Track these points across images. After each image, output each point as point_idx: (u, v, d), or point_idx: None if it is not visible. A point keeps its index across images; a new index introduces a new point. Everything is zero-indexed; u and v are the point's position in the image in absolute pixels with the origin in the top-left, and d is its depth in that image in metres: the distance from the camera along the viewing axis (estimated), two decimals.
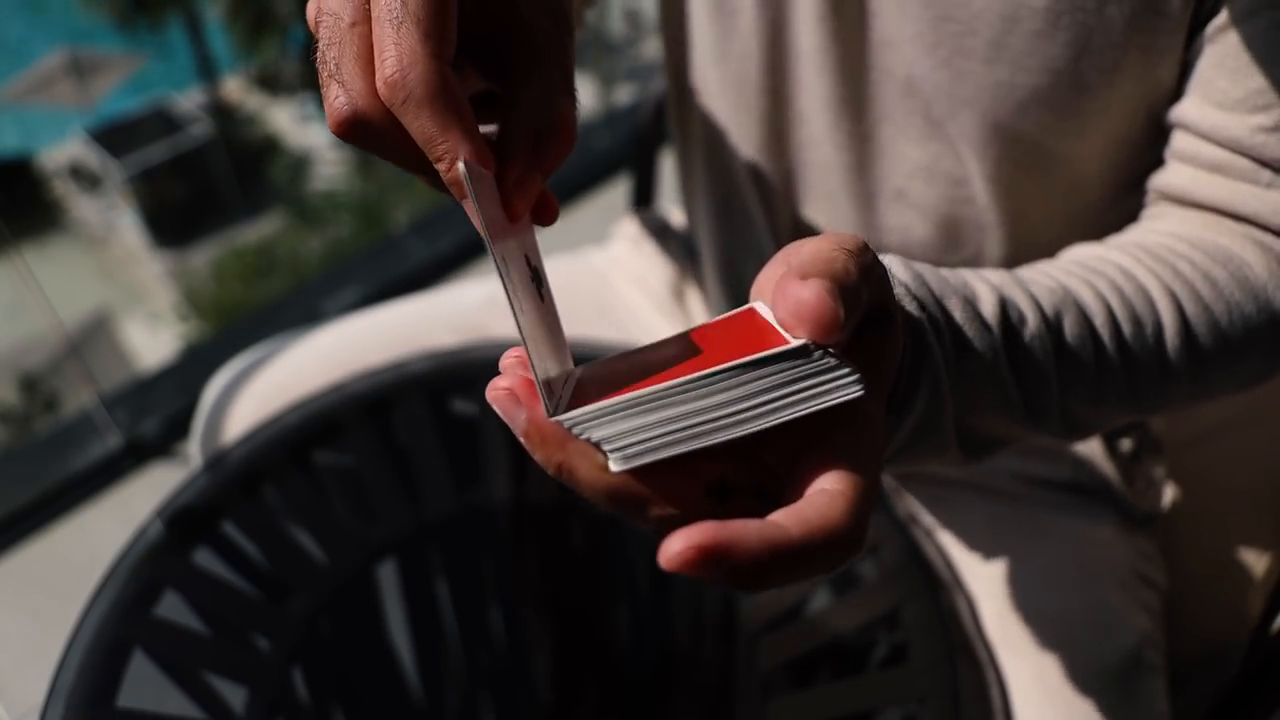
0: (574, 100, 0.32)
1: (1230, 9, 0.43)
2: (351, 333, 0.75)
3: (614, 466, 0.28)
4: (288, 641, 0.58)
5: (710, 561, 0.24)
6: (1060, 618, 0.57)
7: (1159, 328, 0.42)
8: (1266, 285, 0.44)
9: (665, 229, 0.79)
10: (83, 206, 13.40)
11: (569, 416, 0.27)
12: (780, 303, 0.28)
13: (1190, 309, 0.42)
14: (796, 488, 0.28)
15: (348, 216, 11.24)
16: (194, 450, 0.74)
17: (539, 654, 0.70)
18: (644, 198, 0.94)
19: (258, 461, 0.64)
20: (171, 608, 0.57)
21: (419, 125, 0.29)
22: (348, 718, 0.62)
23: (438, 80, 0.28)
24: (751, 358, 0.27)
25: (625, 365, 0.32)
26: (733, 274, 0.65)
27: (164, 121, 13.32)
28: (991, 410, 0.39)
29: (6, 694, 1.16)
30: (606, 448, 0.28)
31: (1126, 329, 0.41)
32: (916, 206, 0.55)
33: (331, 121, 0.30)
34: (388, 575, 0.64)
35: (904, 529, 0.60)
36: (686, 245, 0.78)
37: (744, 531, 0.25)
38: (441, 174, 0.29)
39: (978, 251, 0.56)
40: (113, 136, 12.98)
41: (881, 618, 0.58)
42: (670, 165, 0.78)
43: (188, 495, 0.62)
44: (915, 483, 0.64)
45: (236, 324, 3.28)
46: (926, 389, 0.36)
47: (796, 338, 0.27)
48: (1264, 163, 0.44)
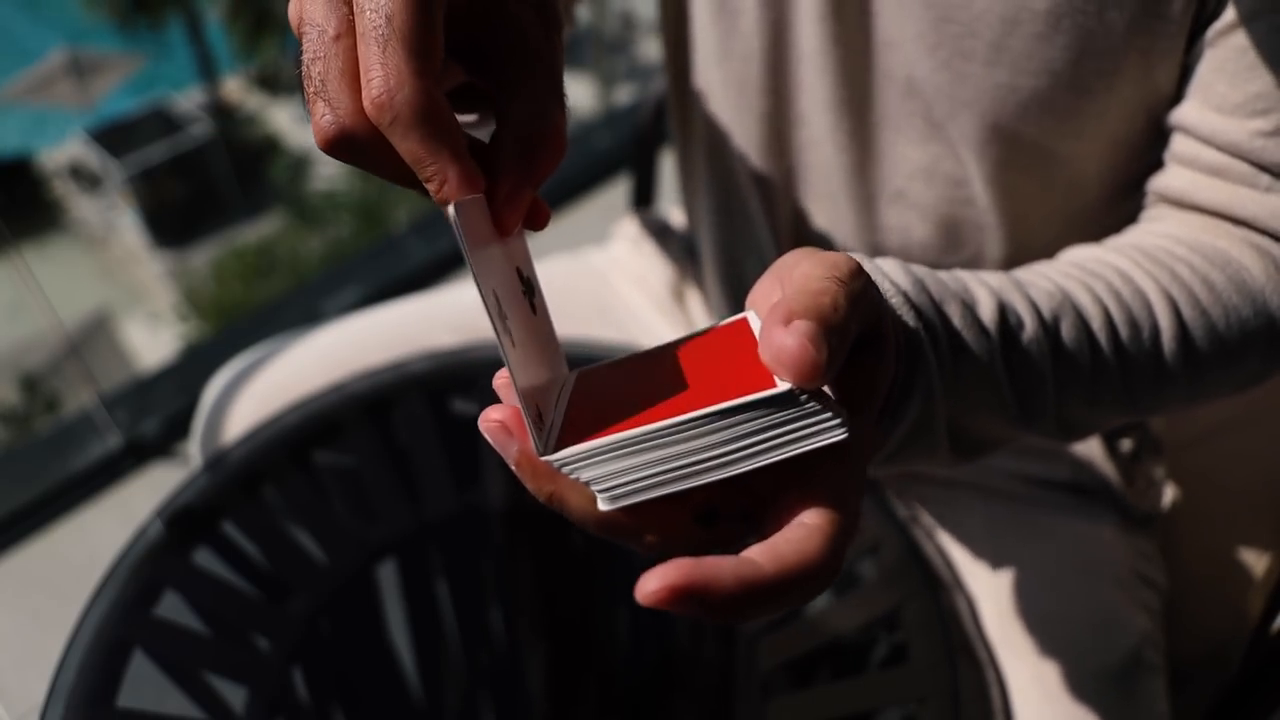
0: (564, 107, 0.32)
1: (1231, 12, 0.43)
2: (351, 333, 0.75)
3: (602, 505, 0.28)
4: (288, 641, 0.58)
5: (685, 600, 0.25)
6: (1060, 618, 0.57)
7: (1155, 331, 0.42)
8: (1264, 289, 0.44)
9: (665, 229, 0.79)
10: (83, 206, 13.41)
11: (558, 457, 0.28)
12: (765, 347, 0.28)
13: (1187, 313, 0.42)
14: (778, 517, 0.28)
15: (348, 216, 11.24)
16: (194, 450, 0.74)
17: (539, 654, 0.70)
18: (644, 198, 0.94)
19: (258, 461, 0.64)
20: (171, 608, 0.57)
21: (407, 147, 0.28)
22: (348, 718, 0.62)
23: (425, 102, 0.28)
24: (737, 402, 0.27)
25: (618, 376, 0.32)
26: (733, 273, 0.65)
27: (164, 121, 13.32)
28: (985, 412, 0.39)
29: (6, 694, 1.16)
30: (595, 488, 0.28)
31: (1123, 333, 0.41)
32: (916, 207, 0.55)
33: (318, 139, 0.29)
34: (388, 575, 0.64)
35: (904, 529, 0.60)
36: (686, 245, 0.78)
37: (718, 571, 0.26)
38: (431, 193, 0.29)
39: (977, 252, 0.56)
40: (113, 136, 12.99)
41: (881, 618, 0.58)
42: (670, 165, 0.78)
43: (188, 495, 0.62)
44: (915, 483, 0.64)
45: (236, 324, 3.28)
46: (920, 397, 0.36)
47: (782, 381, 0.27)
48: (1262, 167, 0.44)
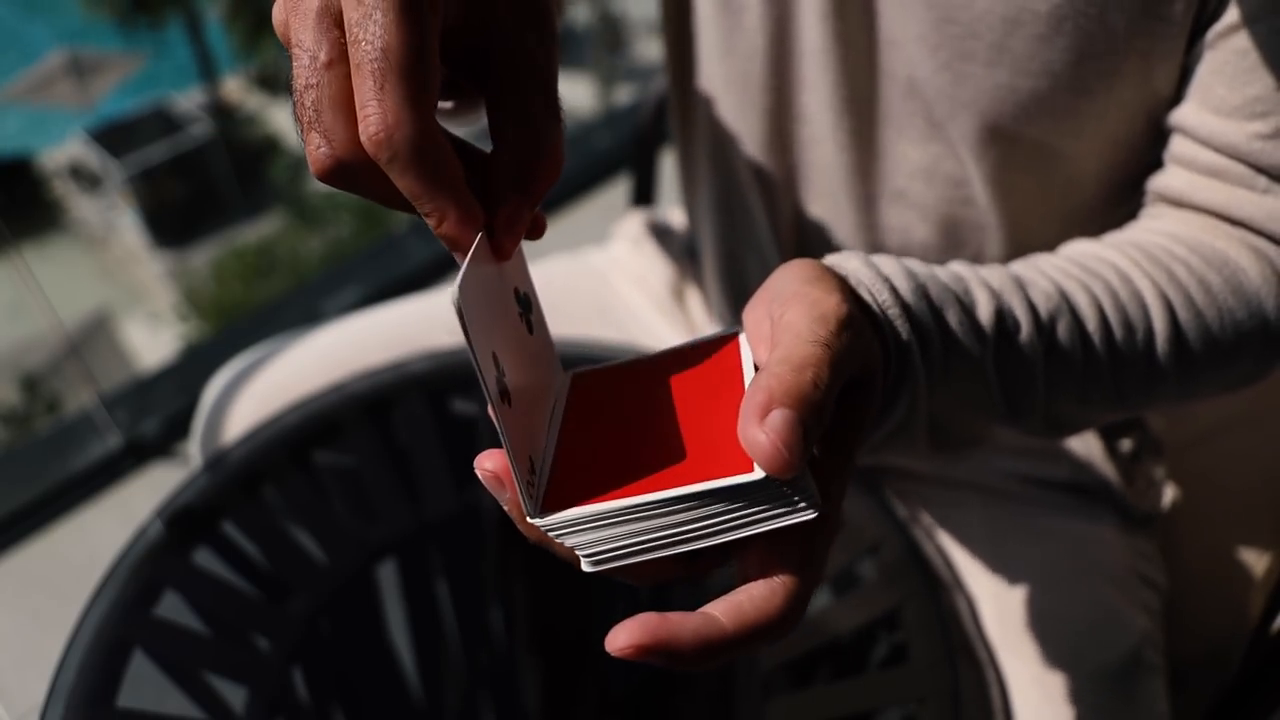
0: (560, 121, 0.32)
1: (1231, 15, 0.43)
2: (351, 333, 0.75)
3: (585, 568, 0.31)
4: (288, 641, 0.58)
5: (649, 656, 0.28)
6: (1060, 618, 0.57)
7: (1150, 333, 0.42)
8: (1259, 291, 0.44)
9: (665, 229, 0.79)
10: (83, 206, 13.41)
11: (543, 524, 0.30)
12: (742, 435, 0.29)
13: (1183, 315, 0.43)
14: (751, 561, 0.30)
15: (348, 216, 11.24)
16: (194, 450, 0.74)
17: (539, 654, 0.70)
18: (644, 198, 0.94)
19: (258, 461, 0.64)
20: (171, 608, 0.57)
21: (405, 184, 0.28)
22: (348, 718, 0.62)
23: (424, 142, 0.28)
24: (715, 485, 0.29)
25: (609, 400, 0.35)
26: (734, 272, 0.65)
27: (164, 121, 13.33)
28: (972, 411, 0.40)
29: (6, 694, 1.16)
30: (579, 552, 0.31)
31: (1118, 334, 0.42)
32: (916, 207, 0.55)
33: (314, 169, 0.29)
34: (388, 575, 0.64)
35: (904, 529, 0.60)
36: (687, 245, 0.78)
37: (680, 630, 0.28)
38: (431, 228, 0.30)
39: (977, 252, 0.56)
40: (113, 136, 13.00)
41: (881, 618, 0.58)
42: (670, 165, 0.78)
43: (188, 495, 0.62)
44: (915, 483, 0.64)
45: (236, 324, 3.28)
46: (904, 404, 0.37)
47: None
48: (1260, 169, 0.44)
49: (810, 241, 0.60)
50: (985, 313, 0.39)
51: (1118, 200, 0.52)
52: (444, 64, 0.31)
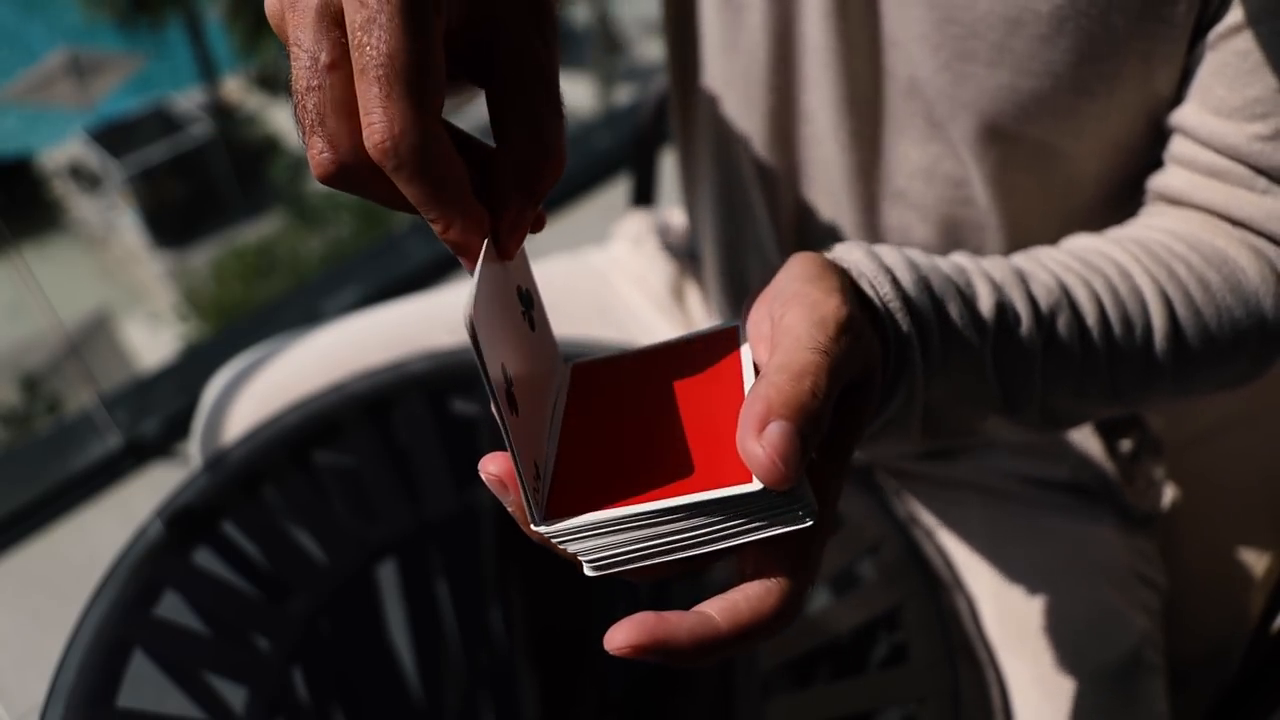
0: (562, 120, 0.31)
1: (1232, 16, 0.43)
2: (351, 333, 0.75)
3: (588, 572, 0.31)
4: (288, 641, 0.58)
5: (646, 655, 0.29)
6: (1060, 618, 0.57)
7: (1148, 329, 0.43)
8: (1258, 290, 0.44)
9: (665, 229, 0.79)
10: (83, 206, 13.41)
11: (547, 531, 0.31)
12: (740, 447, 0.29)
13: (1182, 312, 0.43)
14: (747, 561, 0.31)
15: (348, 216, 11.24)
16: (194, 450, 0.74)
17: (538, 654, 0.70)
18: (644, 198, 0.94)
19: (258, 461, 0.64)
20: (171, 608, 0.57)
21: (410, 192, 0.28)
22: (348, 718, 0.62)
23: (430, 150, 0.27)
24: (715, 495, 0.29)
25: (608, 395, 0.35)
26: (734, 271, 0.65)
27: (164, 121, 13.32)
28: (969, 404, 0.40)
29: (6, 694, 1.16)
30: (581, 558, 0.31)
31: (1117, 329, 0.42)
32: (917, 207, 0.55)
33: (317, 173, 0.29)
34: (388, 575, 0.64)
35: (904, 529, 0.60)
36: (686, 245, 0.78)
37: (677, 629, 0.29)
38: (437, 233, 0.30)
39: (977, 252, 0.56)
40: (113, 136, 12.99)
41: (881, 618, 0.58)
42: (670, 165, 0.78)
43: (188, 495, 0.62)
44: (915, 483, 0.64)
45: (236, 324, 3.28)
46: (901, 398, 0.37)
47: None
48: (1260, 170, 0.44)
49: (811, 241, 0.60)
50: (986, 305, 0.39)
51: (1118, 201, 0.52)
52: (446, 62, 0.31)
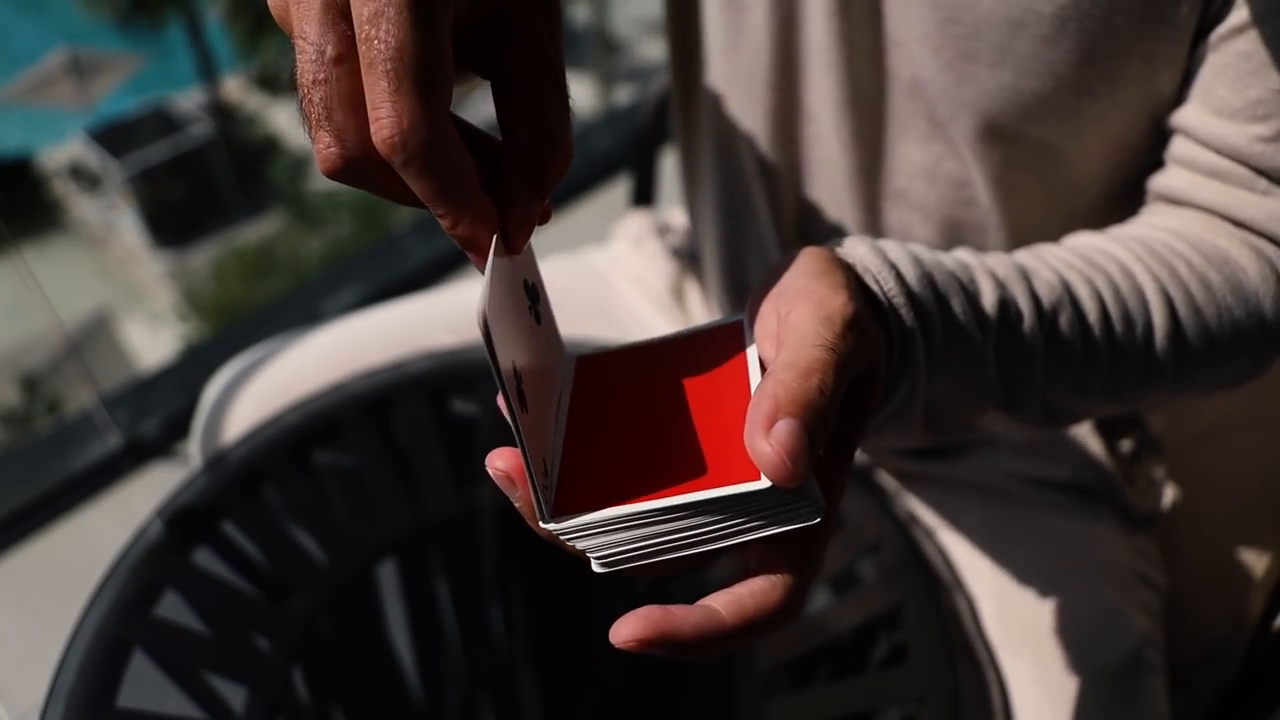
0: (569, 112, 0.31)
1: (1234, 17, 0.43)
2: (351, 333, 0.75)
3: (596, 569, 0.32)
4: (288, 641, 0.58)
5: (651, 648, 0.29)
6: (1060, 618, 0.57)
7: (1150, 327, 0.43)
8: (1258, 290, 0.44)
9: (665, 229, 0.79)
10: (83, 206, 13.40)
11: (556, 528, 0.31)
12: (749, 445, 0.29)
13: (1183, 311, 0.43)
14: (749, 555, 0.31)
15: (348, 216, 11.23)
16: (194, 450, 0.74)
17: (539, 654, 0.70)
18: (644, 198, 0.94)
19: (258, 461, 0.64)
20: (171, 608, 0.57)
21: (419, 187, 0.28)
22: (348, 718, 0.62)
23: (439, 145, 0.27)
24: (723, 493, 0.29)
25: (615, 387, 0.35)
26: (735, 271, 0.65)
27: (164, 121, 13.31)
28: (970, 399, 0.40)
29: (6, 694, 1.16)
30: (589, 555, 0.31)
31: (1118, 327, 0.42)
32: (918, 207, 0.55)
33: (324, 168, 0.29)
34: (388, 575, 0.64)
35: (904, 529, 0.60)
36: (687, 245, 0.78)
37: (682, 623, 0.29)
38: (445, 229, 0.29)
39: (979, 251, 0.56)
40: (113, 136, 12.98)
41: (881, 618, 0.58)
42: (670, 165, 0.78)
43: (188, 495, 0.62)
44: (915, 482, 0.64)
45: (236, 324, 3.28)
46: (904, 391, 0.38)
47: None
48: (1261, 171, 0.44)
49: (812, 240, 0.60)
50: (989, 301, 0.39)
51: (1119, 201, 0.52)
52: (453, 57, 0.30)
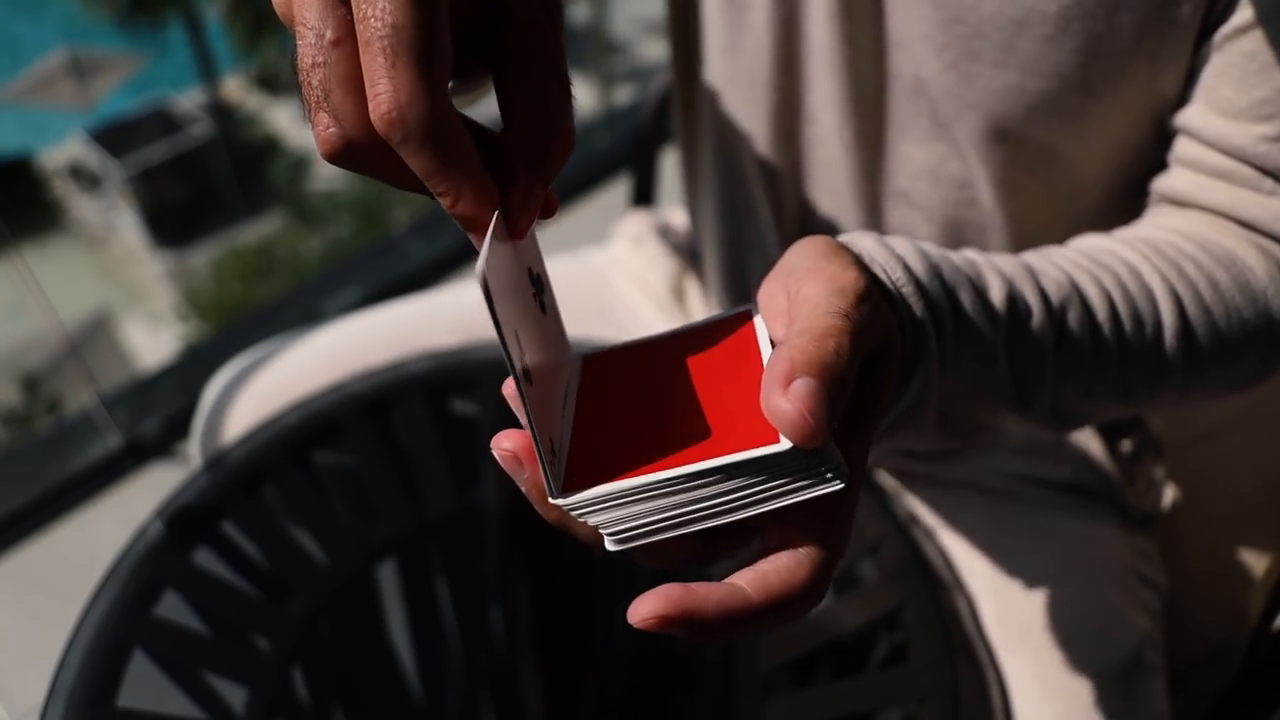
0: (570, 98, 0.31)
1: (1238, 17, 0.43)
2: (351, 333, 0.75)
3: (610, 546, 0.30)
4: (288, 641, 0.58)
5: (672, 627, 0.27)
6: (1060, 618, 0.57)
7: (1159, 328, 0.42)
8: (1266, 290, 0.44)
9: (665, 229, 0.79)
10: (83, 206, 13.41)
11: (567, 503, 0.29)
12: (766, 406, 0.28)
13: (1191, 311, 0.43)
14: (773, 534, 0.30)
15: (348, 216, 11.24)
16: (194, 450, 0.74)
17: (539, 654, 0.70)
18: (644, 198, 0.94)
19: (258, 461, 0.64)
20: (171, 608, 0.57)
21: (418, 163, 0.28)
22: (348, 718, 0.62)
23: (437, 119, 0.27)
24: (741, 457, 0.28)
25: (623, 377, 0.34)
26: (736, 271, 0.65)
27: (164, 121, 13.33)
28: (982, 398, 0.40)
29: (6, 694, 1.16)
30: (602, 531, 0.30)
31: (1127, 328, 0.42)
32: (920, 208, 0.55)
33: (323, 150, 0.29)
34: (388, 575, 0.64)
35: (904, 529, 0.60)
36: (687, 245, 0.78)
37: (704, 600, 0.28)
38: (445, 207, 0.29)
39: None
40: (113, 136, 12.99)
41: (881, 618, 0.58)
42: (670, 165, 0.78)
43: (188, 495, 0.62)
44: (915, 483, 0.64)
45: (236, 324, 3.28)
46: (917, 385, 0.37)
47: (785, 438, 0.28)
48: (1266, 171, 0.44)
49: None
50: (998, 296, 0.39)
51: (1122, 203, 0.52)
52: (451, 41, 0.30)
